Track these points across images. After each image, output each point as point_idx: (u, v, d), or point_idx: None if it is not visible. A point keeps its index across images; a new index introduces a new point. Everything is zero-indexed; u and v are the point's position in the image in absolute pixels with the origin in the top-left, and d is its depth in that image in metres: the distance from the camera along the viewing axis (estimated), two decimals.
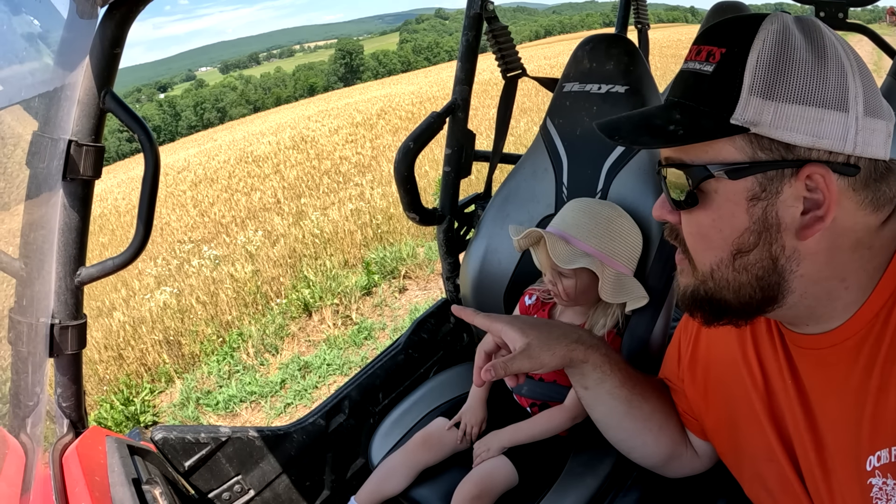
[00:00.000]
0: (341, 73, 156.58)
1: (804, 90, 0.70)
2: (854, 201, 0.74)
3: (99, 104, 1.17)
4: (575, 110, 1.78)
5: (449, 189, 2.07)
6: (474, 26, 1.93)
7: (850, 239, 0.75)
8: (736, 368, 0.97)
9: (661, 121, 0.78)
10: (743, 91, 0.72)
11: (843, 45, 0.73)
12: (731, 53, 0.73)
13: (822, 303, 0.79)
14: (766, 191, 0.73)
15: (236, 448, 1.60)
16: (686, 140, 0.75)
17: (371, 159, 12.07)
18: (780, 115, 0.71)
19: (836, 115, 0.70)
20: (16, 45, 1.16)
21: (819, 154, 0.71)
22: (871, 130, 0.72)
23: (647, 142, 0.80)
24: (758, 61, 0.71)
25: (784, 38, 0.71)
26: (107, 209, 15.73)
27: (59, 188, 1.17)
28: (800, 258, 0.76)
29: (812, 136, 0.70)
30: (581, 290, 1.50)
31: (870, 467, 0.74)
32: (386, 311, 4.99)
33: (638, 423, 1.14)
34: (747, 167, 0.73)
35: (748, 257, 0.77)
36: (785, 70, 0.71)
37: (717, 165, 0.74)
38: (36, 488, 1.04)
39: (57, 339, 1.22)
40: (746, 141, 0.73)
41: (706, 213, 0.78)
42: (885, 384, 0.73)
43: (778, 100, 0.71)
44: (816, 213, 0.72)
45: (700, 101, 0.76)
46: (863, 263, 0.76)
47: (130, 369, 4.76)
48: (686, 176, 0.77)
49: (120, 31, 1.15)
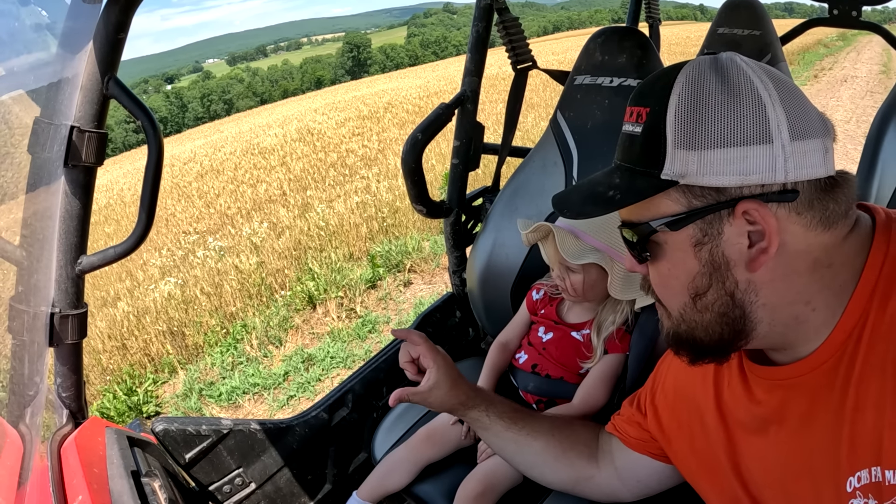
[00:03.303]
0: (349, 66, 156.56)
1: (722, 133, 0.72)
2: (801, 224, 0.74)
3: (102, 90, 1.15)
4: (586, 103, 1.76)
5: (457, 182, 2.05)
6: (485, 17, 1.91)
7: (805, 261, 0.75)
8: (699, 414, 1.00)
9: (603, 188, 0.82)
10: (668, 146, 0.74)
11: (761, 75, 0.74)
12: (653, 112, 0.76)
13: (791, 328, 0.79)
14: (708, 234, 0.76)
15: (238, 441, 1.58)
16: (623, 203, 0.79)
17: (377, 152, 12.07)
18: (705, 163, 0.73)
19: (760, 148, 0.71)
20: (22, 32, 1.15)
21: (751, 189, 0.73)
22: (802, 153, 0.72)
23: (591, 210, 0.82)
24: (675, 115, 0.74)
25: (697, 87, 0.74)
26: (112, 199, 15.79)
27: (61, 175, 1.15)
28: (756, 289, 0.77)
29: (739, 174, 0.72)
30: (589, 286, 1.48)
31: (850, 488, 0.74)
32: (391, 304, 4.98)
33: (529, 457, 1.25)
34: (685, 217, 0.76)
35: (706, 298, 0.79)
36: (701, 118, 0.73)
37: (658, 220, 0.78)
38: (33, 480, 1.03)
39: (57, 329, 1.20)
40: (680, 192, 0.76)
41: (662, 263, 0.82)
42: (861, 404, 0.73)
43: (700, 148, 0.73)
44: (761, 245, 0.74)
45: (635, 162, 0.79)
46: (826, 283, 0.76)
47: (134, 359, 4.77)
48: (636, 234, 0.81)
49: (124, 16, 1.13)
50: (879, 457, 0.71)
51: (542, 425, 1.26)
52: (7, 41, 1.13)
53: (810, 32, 3.01)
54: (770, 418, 0.86)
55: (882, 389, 0.71)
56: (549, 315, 1.61)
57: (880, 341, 0.73)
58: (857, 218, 0.79)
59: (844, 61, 17.86)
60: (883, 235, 0.77)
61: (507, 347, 1.67)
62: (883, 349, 0.72)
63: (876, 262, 0.75)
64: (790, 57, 16.81)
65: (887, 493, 0.69)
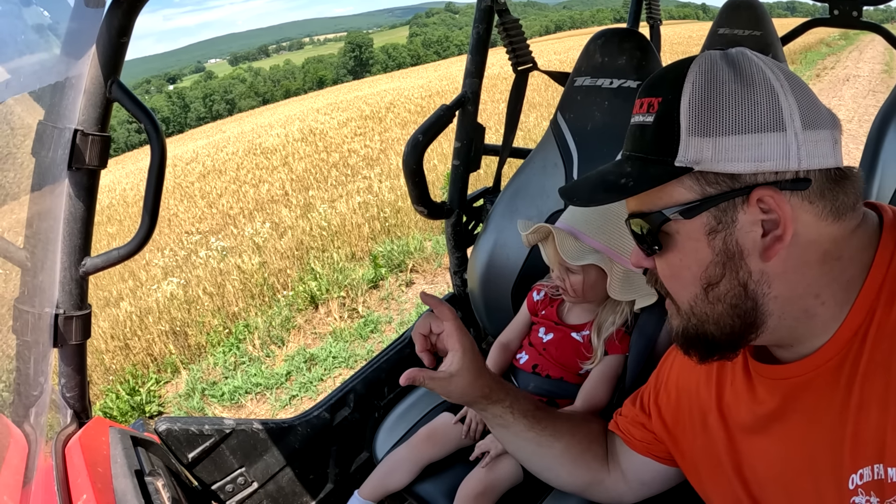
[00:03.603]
0: (350, 66, 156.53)
1: (737, 120, 0.73)
2: (812, 213, 0.75)
3: (105, 93, 1.16)
4: (586, 105, 1.77)
5: (458, 183, 2.06)
6: (485, 19, 1.92)
7: (816, 252, 0.76)
8: (702, 415, 1.00)
9: (614, 176, 0.82)
10: (682, 134, 0.75)
11: (772, 67, 0.76)
12: (666, 101, 0.77)
13: (801, 322, 0.79)
14: (722, 222, 0.76)
15: (240, 440, 1.59)
16: (636, 190, 0.79)
17: (379, 152, 12.07)
18: (720, 149, 0.73)
19: (774, 136, 0.72)
20: (25, 35, 1.15)
21: (765, 177, 0.74)
22: (813, 142, 0.73)
23: (602, 198, 0.82)
24: (690, 103, 0.75)
25: (710, 76, 0.75)
26: (115, 199, 15.80)
27: (65, 178, 1.16)
28: (769, 280, 0.77)
29: (754, 161, 0.73)
30: (589, 287, 1.49)
31: (852, 486, 0.74)
32: (392, 304, 4.99)
33: (547, 460, 1.21)
34: (699, 204, 0.76)
35: (719, 288, 0.79)
36: (715, 105, 0.74)
37: (671, 208, 0.78)
38: (38, 479, 1.04)
39: (61, 329, 1.21)
40: (694, 180, 0.76)
41: (673, 254, 0.81)
42: (865, 401, 0.73)
43: (714, 135, 0.74)
44: (775, 233, 0.74)
45: (647, 151, 0.79)
46: (835, 276, 0.76)
47: (137, 359, 4.78)
48: (647, 224, 0.81)
49: (127, 19, 1.14)
50: (882, 454, 0.71)
51: (563, 425, 1.22)
52: (9, 41, 1.14)
53: (812, 31, 3.01)
54: (773, 416, 0.86)
55: (886, 388, 0.71)
56: (549, 316, 1.62)
57: (885, 339, 0.73)
58: (865, 215, 0.79)
59: (847, 60, 17.83)
60: (891, 233, 0.78)
61: (508, 348, 1.68)
62: (888, 347, 0.73)
63: (884, 259, 0.76)
64: (793, 56, 16.79)
65: (889, 490, 0.70)
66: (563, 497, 1.40)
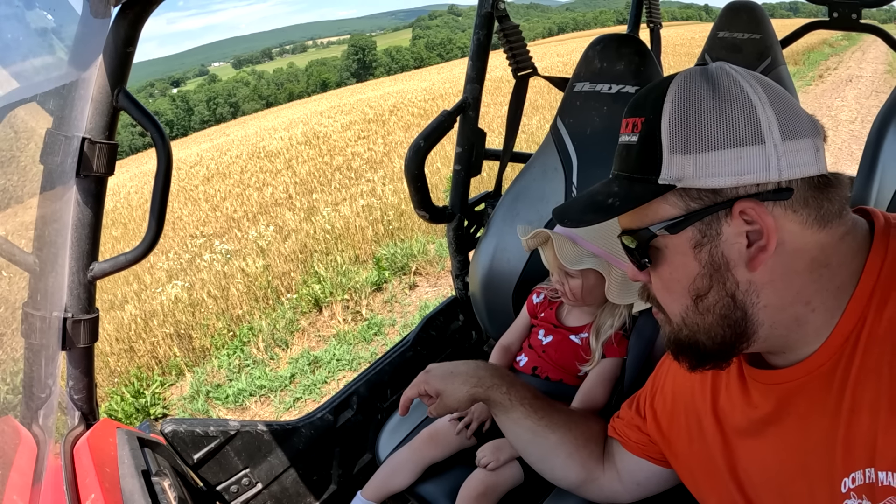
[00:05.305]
0: (354, 68, 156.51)
1: (716, 136, 0.75)
2: (797, 222, 0.76)
3: (112, 102, 1.18)
4: (585, 110, 1.78)
5: (459, 187, 2.08)
6: (485, 25, 1.94)
7: (804, 260, 0.77)
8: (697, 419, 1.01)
9: (602, 196, 0.84)
10: (664, 152, 0.77)
11: (750, 80, 0.77)
12: (648, 121, 0.79)
13: (792, 330, 0.80)
14: (707, 236, 0.78)
15: (245, 442, 1.61)
16: (622, 209, 0.82)
17: (383, 155, 12.08)
18: (700, 166, 0.75)
19: (753, 149, 0.74)
20: (30, 41, 1.17)
21: (746, 189, 0.75)
22: (794, 152, 0.74)
23: (591, 218, 0.84)
24: (670, 122, 0.77)
25: (688, 94, 0.77)
26: (119, 203, 15.82)
27: (73, 184, 1.18)
28: (757, 290, 0.78)
29: (734, 175, 0.74)
30: (588, 291, 1.50)
31: (845, 489, 0.75)
32: (396, 307, 5.00)
33: (543, 450, 1.26)
34: (683, 220, 0.78)
35: (707, 299, 0.81)
36: (694, 123, 0.76)
37: (657, 225, 0.80)
38: (47, 479, 1.06)
39: (69, 333, 1.23)
40: (677, 196, 0.78)
41: (663, 268, 0.83)
42: (856, 406, 0.74)
43: (695, 152, 0.75)
44: (759, 244, 0.76)
45: (632, 170, 0.82)
46: (824, 283, 0.77)
47: (141, 362, 4.80)
48: (636, 240, 0.83)
49: (133, 30, 1.16)
50: (873, 458, 0.72)
51: (560, 417, 1.26)
52: (13, 45, 1.15)
53: (815, 32, 3.02)
54: (767, 420, 0.87)
55: (877, 392, 0.72)
56: (548, 318, 1.64)
57: (876, 345, 0.74)
58: (854, 221, 0.80)
59: (849, 61, 17.77)
60: (881, 239, 0.79)
61: (509, 350, 1.70)
62: (878, 352, 0.73)
63: (874, 265, 0.77)
64: (795, 57, 16.74)
65: (880, 493, 0.71)
66: (564, 498, 1.41)
